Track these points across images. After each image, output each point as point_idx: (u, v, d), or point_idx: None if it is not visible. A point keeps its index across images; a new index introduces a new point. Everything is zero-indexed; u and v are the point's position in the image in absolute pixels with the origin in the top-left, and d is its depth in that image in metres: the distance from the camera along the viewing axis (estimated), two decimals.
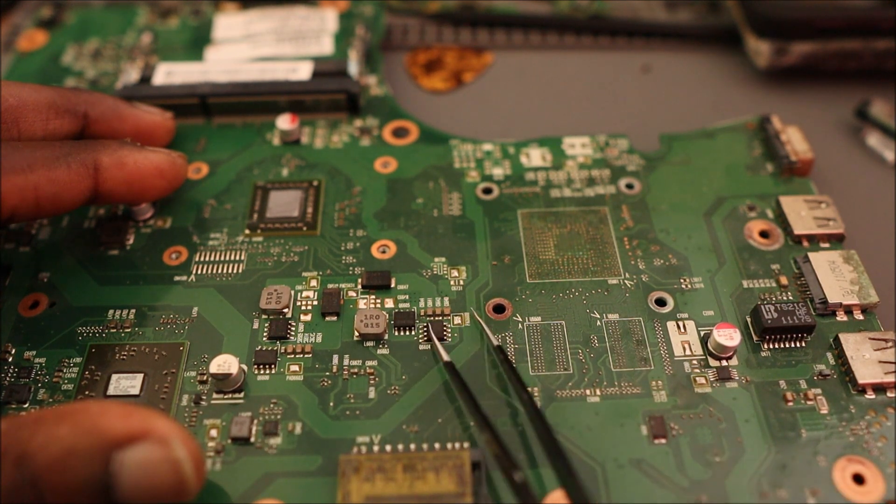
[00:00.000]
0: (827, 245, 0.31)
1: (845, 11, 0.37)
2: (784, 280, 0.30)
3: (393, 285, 0.30)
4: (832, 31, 0.37)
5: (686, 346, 0.28)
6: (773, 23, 0.38)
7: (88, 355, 0.28)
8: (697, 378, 0.27)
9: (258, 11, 0.42)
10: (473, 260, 0.31)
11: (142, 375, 0.27)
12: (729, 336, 0.27)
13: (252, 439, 0.26)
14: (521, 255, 0.31)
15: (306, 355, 0.28)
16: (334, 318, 0.29)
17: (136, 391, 0.27)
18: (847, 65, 0.39)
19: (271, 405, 0.27)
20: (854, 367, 0.27)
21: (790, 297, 0.29)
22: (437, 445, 0.25)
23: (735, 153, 0.35)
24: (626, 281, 0.30)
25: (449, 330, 0.28)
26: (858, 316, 0.29)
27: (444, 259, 0.31)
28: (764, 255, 0.31)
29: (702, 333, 0.28)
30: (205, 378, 0.27)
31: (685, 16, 0.43)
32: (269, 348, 0.28)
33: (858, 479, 0.25)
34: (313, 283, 0.30)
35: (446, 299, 0.29)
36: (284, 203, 0.33)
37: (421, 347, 0.28)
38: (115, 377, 0.27)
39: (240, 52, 0.39)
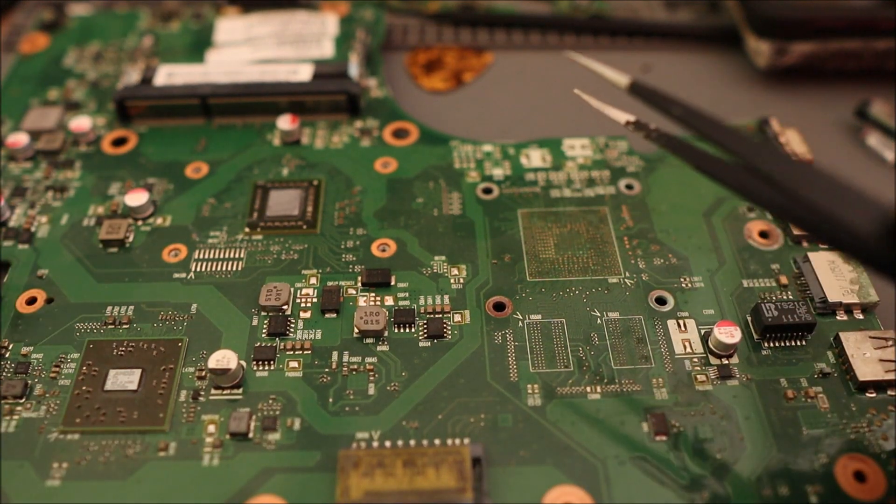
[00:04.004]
0: (826, 245, 0.31)
1: (845, 11, 0.37)
2: (784, 280, 0.30)
3: (393, 283, 0.30)
4: (832, 31, 0.37)
5: (687, 344, 0.28)
6: (773, 23, 0.38)
7: (86, 351, 0.28)
8: (698, 376, 0.27)
9: (259, 15, 0.42)
10: (474, 258, 0.31)
11: (140, 371, 0.27)
12: (729, 334, 0.27)
13: (250, 435, 0.26)
14: (522, 254, 0.31)
15: (305, 352, 0.28)
16: (334, 315, 0.29)
17: (133, 386, 0.27)
18: (847, 65, 0.39)
19: (270, 401, 0.26)
20: (855, 366, 0.27)
21: (790, 297, 0.29)
22: (437, 442, 0.25)
23: None
24: (626, 280, 0.30)
25: (449, 328, 0.28)
26: (858, 315, 0.29)
27: (444, 257, 0.31)
28: (764, 254, 0.31)
29: (702, 332, 0.28)
30: (203, 374, 0.27)
31: (685, 16, 0.43)
32: (269, 344, 0.28)
33: (860, 477, 0.25)
34: (313, 280, 0.30)
35: (446, 297, 0.29)
36: (284, 202, 0.33)
37: (421, 344, 0.28)
38: (112, 372, 0.27)
39: (241, 55, 0.39)
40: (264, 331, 0.28)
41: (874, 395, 0.26)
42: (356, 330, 0.28)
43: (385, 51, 0.42)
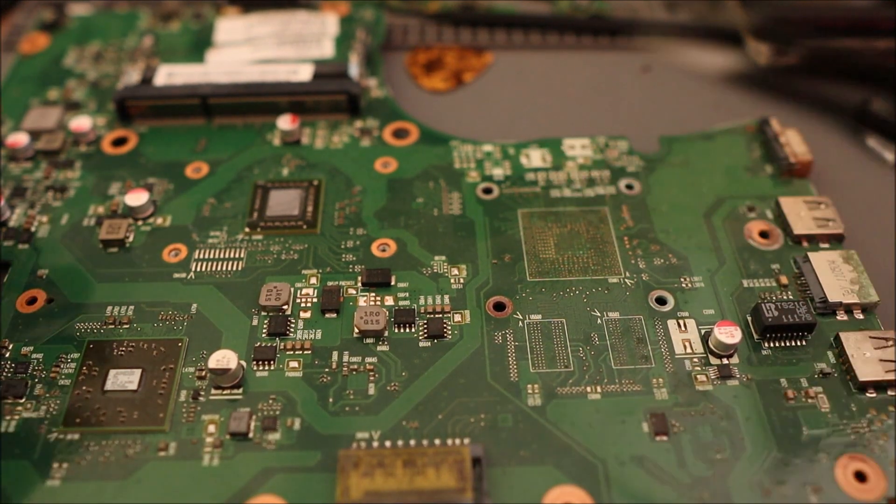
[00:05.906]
0: (827, 245, 0.31)
1: (845, 11, 0.37)
2: (784, 280, 0.30)
3: (393, 283, 0.30)
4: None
5: (687, 344, 0.28)
6: (773, 23, 0.38)
7: (86, 351, 0.28)
8: (698, 376, 0.27)
9: (259, 15, 0.42)
10: (474, 258, 0.31)
11: (140, 371, 0.27)
12: (730, 334, 0.27)
13: (250, 434, 0.26)
14: (522, 254, 0.31)
15: (306, 352, 0.28)
16: (334, 315, 0.29)
17: (133, 386, 0.27)
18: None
19: (270, 401, 0.26)
20: (855, 366, 0.27)
21: (790, 297, 0.29)
22: (437, 442, 0.25)
23: (734, 155, 0.35)
24: (626, 280, 0.30)
25: (449, 328, 0.28)
26: (859, 315, 0.29)
27: (444, 257, 0.31)
28: (764, 254, 0.31)
29: (702, 332, 0.28)
30: (203, 374, 0.27)
31: (685, 16, 0.43)
32: (269, 344, 0.28)
33: (860, 477, 0.25)
34: (313, 280, 0.30)
35: (446, 297, 0.29)
36: (284, 202, 0.33)
37: (421, 344, 0.28)
38: (112, 372, 0.27)
39: (241, 55, 0.39)
40: (264, 331, 0.28)
41: (874, 395, 0.26)
42: (356, 330, 0.28)
43: (385, 51, 0.42)
